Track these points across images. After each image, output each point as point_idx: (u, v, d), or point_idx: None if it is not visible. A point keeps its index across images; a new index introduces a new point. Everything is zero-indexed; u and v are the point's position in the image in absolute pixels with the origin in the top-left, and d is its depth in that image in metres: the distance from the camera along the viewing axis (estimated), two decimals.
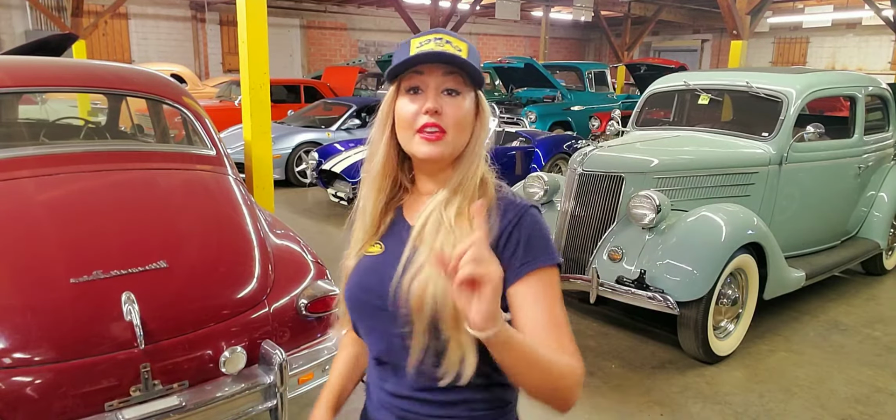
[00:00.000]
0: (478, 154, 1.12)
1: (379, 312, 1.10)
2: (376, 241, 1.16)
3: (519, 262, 1.04)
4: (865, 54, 19.19)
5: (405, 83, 1.09)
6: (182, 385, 2.20)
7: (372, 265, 1.14)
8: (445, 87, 1.08)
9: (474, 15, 16.95)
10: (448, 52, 1.05)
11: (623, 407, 3.21)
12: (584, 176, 3.85)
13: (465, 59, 1.06)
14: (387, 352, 1.13)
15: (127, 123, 4.14)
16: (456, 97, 1.08)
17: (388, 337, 1.10)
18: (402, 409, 1.12)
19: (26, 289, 2.16)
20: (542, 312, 1.03)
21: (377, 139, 1.14)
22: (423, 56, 1.05)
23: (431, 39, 1.08)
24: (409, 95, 1.09)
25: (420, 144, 1.07)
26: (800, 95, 4.16)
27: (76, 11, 11.08)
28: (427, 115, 1.06)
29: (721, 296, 3.59)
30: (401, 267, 1.06)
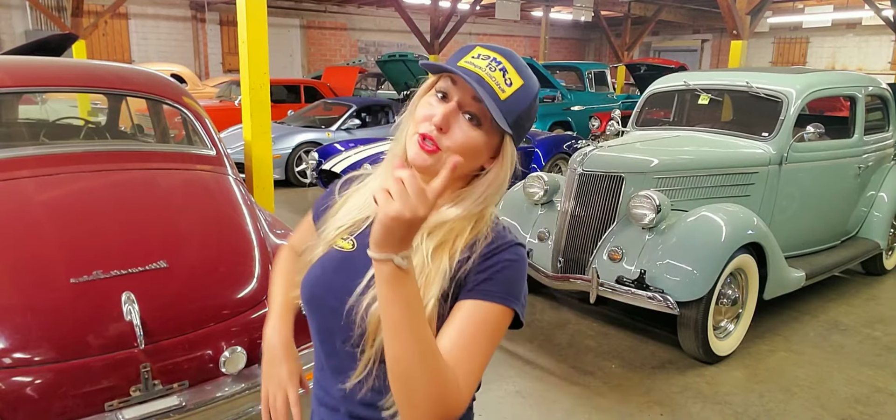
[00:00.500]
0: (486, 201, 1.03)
1: (332, 317, 1.03)
2: (349, 237, 1.09)
3: (482, 283, 0.97)
4: (865, 54, 19.19)
5: (438, 84, 1.03)
6: (182, 385, 2.20)
7: (339, 264, 1.06)
8: (469, 110, 0.99)
9: (474, 15, 16.95)
10: (486, 82, 0.97)
11: (623, 407, 3.21)
12: (584, 176, 3.85)
13: (497, 100, 0.97)
14: (334, 357, 1.07)
15: (127, 123, 4.14)
16: (473, 125, 0.99)
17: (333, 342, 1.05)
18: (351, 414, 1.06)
19: (26, 289, 2.16)
20: (463, 333, 0.94)
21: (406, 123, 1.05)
22: (457, 71, 0.98)
23: (490, 58, 1.01)
24: (436, 98, 1.02)
25: (412, 146, 1.00)
26: (800, 95, 4.16)
27: (76, 11, 11.08)
28: (429, 124, 0.99)
29: (721, 296, 3.59)
30: (364, 282, 0.99)
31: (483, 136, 1.00)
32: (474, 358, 0.93)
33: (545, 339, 3.94)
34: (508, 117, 0.99)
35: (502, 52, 1.02)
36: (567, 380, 3.46)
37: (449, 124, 0.98)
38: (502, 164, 1.04)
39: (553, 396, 3.27)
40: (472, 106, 0.99)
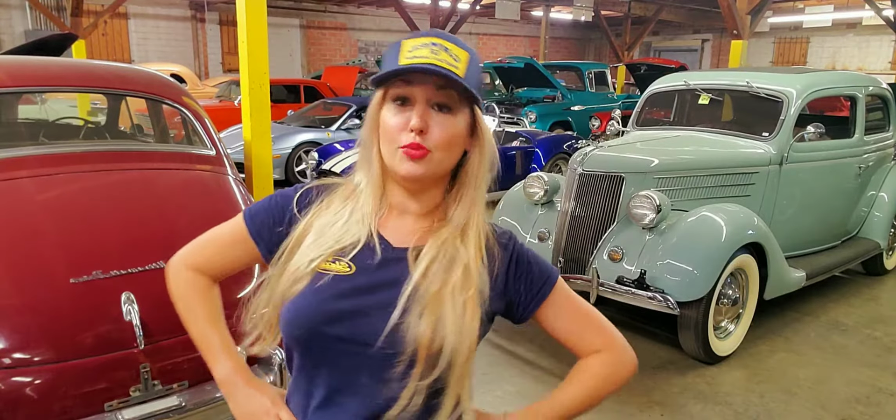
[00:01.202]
0: (483, 179, 1.03)
1: (358, 353, 0.96)
2: (338, 258, 1.00)
3: (536, 289, 1.07)
4: (865, 54, 19.19)
5: (392, 91, 0.98)
6: (182, 385, 2.20)
7: (344, 290, 0.98)
8: (436, 101, 0.97)
9: (474, 15, 16.95)
10: (441, 66, 0.94)
11: (623, 407, 3.21)
12: (585, 176, 3.84)
13: (460, 78, 0.95)
14: (355, 401, 0.98)
15: (127, 123, 4.14)
16: (446, 114, 0.98)
17: (366, 382, 0.97)
18: None
19: (26, 289, 2.15)
20: (571, 317, 1.10)
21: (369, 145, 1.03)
22: (412, 69, 0.94)
23: (427, 44, 0.96)
24: (395, 106, 0.98)
25: (402, 162, 0.97)
26: (800, 95, 4.15)
27: (76, 11, 11.07)
28: (412, 133, 0.95)
29: (721, 296, 3.59)
30: (400, 302, 0.94)
31: (457, 121, 0.99)
32: (588, 314, 1.12)
33: (545, 339, 3.93)
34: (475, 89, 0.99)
35: (433, 34, 0.98)
36: None
37: (427, 124, 0.96)
38: (484, 137, 1.03)
39: None
40: (439, 96, 0.97)
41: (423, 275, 0.96)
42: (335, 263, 1.00)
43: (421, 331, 0.92)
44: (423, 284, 0.96)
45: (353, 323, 0.96)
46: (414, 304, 0.94)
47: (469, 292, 0.96)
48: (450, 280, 0.96)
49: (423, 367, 0.93)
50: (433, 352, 0.93)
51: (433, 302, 0.94)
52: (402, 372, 0.94)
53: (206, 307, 1.14)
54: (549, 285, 1.07)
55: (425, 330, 0.92)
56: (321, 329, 0.97)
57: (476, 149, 1.03)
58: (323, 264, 0.99)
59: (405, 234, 1.03)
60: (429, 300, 0.94)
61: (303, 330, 0.98)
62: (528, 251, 1.09)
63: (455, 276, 0.96)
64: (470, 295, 0.96)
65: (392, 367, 0.94)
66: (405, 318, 0.94)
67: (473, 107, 1.01)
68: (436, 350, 0.93)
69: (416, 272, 0.96)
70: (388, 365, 0.95)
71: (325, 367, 1.00)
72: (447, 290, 0.95)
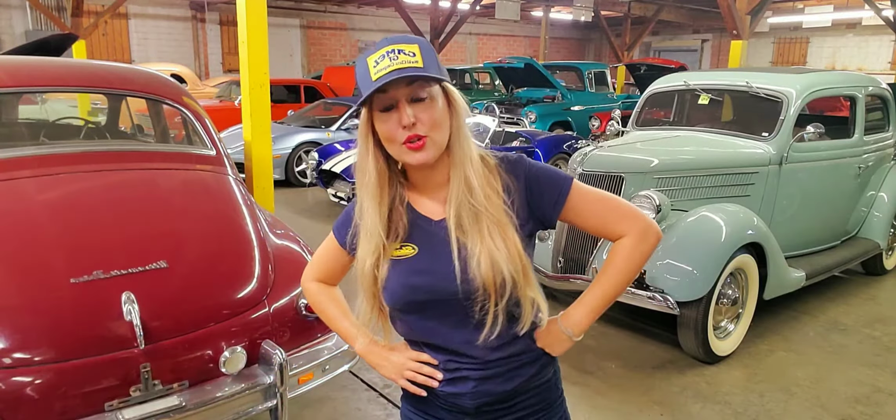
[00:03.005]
0: (465, 138, 1.22)
1: (442, 304, 1.24)
2: (404, 244, 1.26)
3: (554, 197, 1.28)
4: (865, 54, 19.19)
5: (376, 105, 1.18)
6: (182, 385, 2.21)
7: (416, 267, 1.24)
8: (412, 96, 1.16)
9: (474, 15, 16.94)
10: (405, 67, 1.13)
11: (623, 407, 3.21)
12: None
13: (421, 69, 1.13)
14: (454, 336, 1.26)
15: (127, 123, 4.14)
16: (425, 101, 1.16)
17: (456, 321, 1.25)
18: (481, 378, 1.28)
19: (26, 289, 2.16)
20: (595, 208, 1.32)
21: (364, 157, 1.24)
22: (384, 81, 1.12)
23: (385, 54, 1.14)
24: (384, 115, 1.18)
25: (409, 155, 1.18)
26: (800, 95, 4.16)
27: (76, 11, 11.08)
28: (405, 130, 1.15)
29: (721, 296, 3.59)
30: (456, 258, 1.20)
31: (435, 103, 1.17)
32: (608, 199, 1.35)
33: None
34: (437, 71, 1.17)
35: (385, 43, 1.16)
36: (567, 380, 3.44)
37: (413, 117, 1.15)
38: (456, 107, 1.22)
39: None
40: (413, 91, 1.16)
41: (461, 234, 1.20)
42: (402, 248, 1.25)
43: (483, 272, 1.18)
44: (465, 241, 1.20)
45: (433, 286, 1.23)
46: (468, 257, 1.19)
47: (501, 226, 1.20)
48: (481, 230, 1.19)
49: (494, 296, 1.20)
50: (498, 283, 1.19)
51: (481, 250, 1.18)
52: (481, 306, 1.21)
53: (334, 305, 1.45)
54: (564, 191, 1.28)
55: (486, 271, 1.18)
56: (413, 298, 1.25)
57: (454, 117, 1.21)
58: (394, 252, 1.25)
59: (436, 210, 1.26)
60: (478, 250, 1.18)
61: (401, 303, 1.26)
62: (538, 167, 1.29)
63: (484, 226, 1.19)
64: (502, 230, 1.20)
65: (473, 305, 1.21)
66: (468, 269, 1.19)
67: (441, 84, 1.19)
68: (499, 281, 1.18)
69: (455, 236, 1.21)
70: (470, 305, 1.22)
71: (426, 322, 1.28)
72: (485, 237, 1.19)
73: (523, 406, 1.34)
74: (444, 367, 1.30)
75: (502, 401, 1.32)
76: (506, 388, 1.31)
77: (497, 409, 1.33)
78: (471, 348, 1.26)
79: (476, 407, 1.31)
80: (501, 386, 1.30)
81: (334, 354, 2.55)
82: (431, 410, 1.36)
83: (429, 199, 1.27)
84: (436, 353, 1.31)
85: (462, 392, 1.30)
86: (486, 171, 1.24)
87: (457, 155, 1.21)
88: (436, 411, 1.36)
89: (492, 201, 1.21)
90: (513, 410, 1.33)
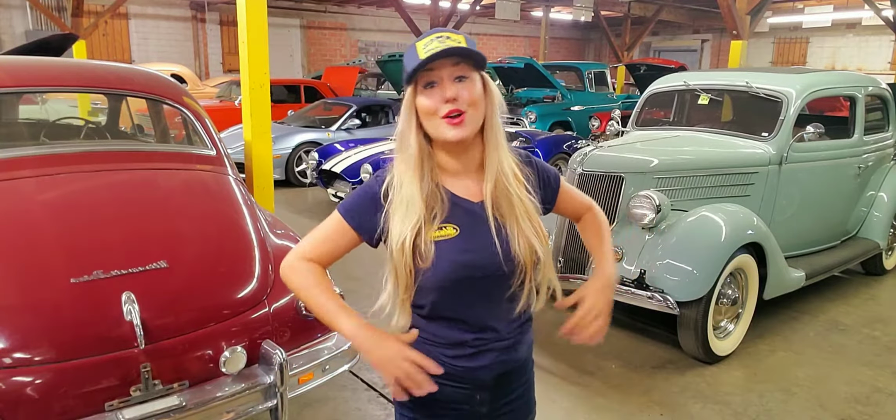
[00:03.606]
0: (499, 126, 1.34)
1: (489, 281, 1.33)
2: (443, 225, 1.32)
3: (554, 188, 1.48)
4: (865, 54, 19.18)
5: (421, 81, 1.28)
6: (182, 385, 2.21)
7: (462, 246, 1.32)
8: (456, 75, 1.27)
9: (474, 15, 16.95)
10: (452, 46, 1.24)
11: (623, 407, 3.21)
12: (584, 176, 3.85)
13: (469, 48, 1.25)
14: (490, 310, 1.36)
15: (127, 123, 4.14)
16: (466, 81, 1.27)
17: (494, 297, 1.36)
18: (503, 349, 1.39)
19: (27, 289, 2.16)
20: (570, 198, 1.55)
21: (406, 133, 1.32)
22: (434, 55, 1.23)
23: (434, 39, 1.25)
24: (427, 91, 1.28)
25: (447, 129, 1.27)
26: (800, 95, 4.16)
27: (76, 11, 11.08)
28: (447, 104, 1.25)
29: (721, 296, 3.59)
30: (496, 238, 1.31)
31: (475, 84, 1.29)
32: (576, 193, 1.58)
33: (545, 339, 3.94)
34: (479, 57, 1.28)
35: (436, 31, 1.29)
36: (567, 380, 3.47)
37: (456, 92, 1.26)
38: (491, 93, 1.33)
39: (553, 396, 3.27)
40: (457, 70, 1.27)
41: (499, 216, 1.33)
42: (443, 229, 1.32)
43: (522, 251, 1.32)
44: (503, 222, 1.33)
45: (482, 264, 1.32)
46: (509, 238, 1.32)
47: (529, 211, 1.35)
48: (516, 213, 1.33)
49: (530, 272, 1.35)
50: (534, 262, 1.34)
51: (519, 232, 1.32)
52: (520, 281, 1.35)
53: (322, 285, 1.39)
54: (559, 183, 1.50)
55: (524, 250, 1.32)
56: (464, 275, 1.32)
57: (489, 103, 1.32)
58: (435, 234, 1.31)
59: (473, 192, 1.36)
60: (516, 231, 1.32)
61: (450, 281, 1.31)
62: (539, 161, 1.48)
63: (518, 210, 1.33)
64: (530, 216, 1.35)
65: (514, 281, 1.35)
66: (510, 250, 1.32)
67: (480, 73, 1.31)
68: (534, 260, 1.34)
69: (493, 217, 1.32)
70: (511, 279, 1.35)
71: (471, 295, 1.34)
72: (522, 220, 1.33)
73: (521, 381, 1.49)
74: (469, 344, 1.37)
75: (513, 372, 1.44)
76: (518, 356, 1.44)
77: (508, 380, 1.44)
78: (500, 322, 1.37)
79: (494, 377, 1.40)
80: (515, 354, 1.42)
81: (334, 354, 2.56)
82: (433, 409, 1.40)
83: (464, 183, 1.36)
84: (463, 330, 1.36)
85: (483, 365, 1.38)
86: (516, 161, 1.37)
87: (491, 140, 1.33)
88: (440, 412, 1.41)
89: (520, 188, 1.35)
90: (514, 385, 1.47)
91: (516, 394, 1.48)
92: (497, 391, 1.43)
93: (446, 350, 1.37)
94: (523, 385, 1.50)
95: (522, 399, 1.50)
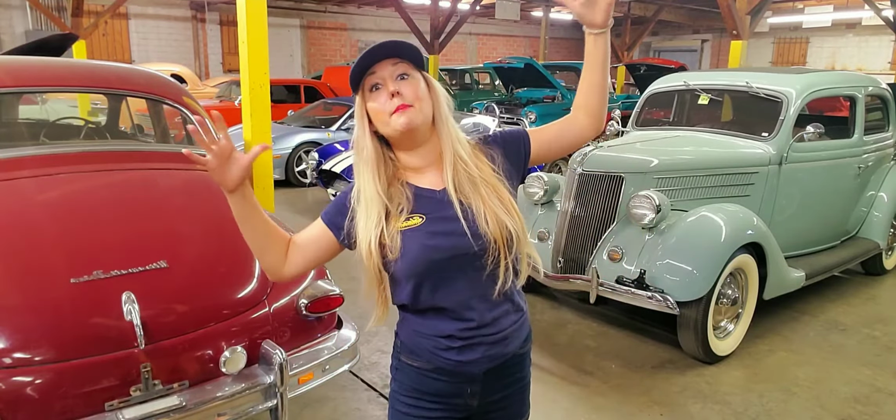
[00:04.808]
0: (449, 119, 1.39)
1: (461, 260, 1.33)
2: (411, 216, 1.35)
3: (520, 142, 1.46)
4: (865, 54, 19.18)
5: (367, 85, 1.35)
6: (182, 385, 2.21)
7: (429, 230, 1.34)
8: (397, 74, 1.33)
9: (474, 15, 16.94)
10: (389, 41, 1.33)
11: (623, 407, 3.21)
12: (584, 176, 3.85)
13: (404, 43, 1.33)
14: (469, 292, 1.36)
15: (127, 123, 4.14)
16: (408, 79, 1.34)
17: (471, 278, 1.35)
18: (490, 332, 1.39)
19: (26, 289, 2.16)
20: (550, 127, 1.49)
21: (361, 136, 1.37)
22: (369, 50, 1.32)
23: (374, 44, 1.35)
24: (373, 94, 1.34)
25: (396, 119, 1.31)
26: (800, 95, 4.16)
27: (76, 11, 11.07)
28: (394, 99, 1.31)
29: (721, 296, 3.59)
30: (463, 220, 1.33)
31: (418, 82, 1.35)
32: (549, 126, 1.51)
33: (545, 339, 3.94)
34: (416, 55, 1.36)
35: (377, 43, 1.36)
36: (567, 380, 3.47)
37: (399, 88, 1.32)
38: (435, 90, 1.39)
39: (553, 396, 3.27)
40: (398, 69, 1.34)
41: (463, 198, 1.34)
42: (410, 220, 1.34)
43: (491, 228, 1.32)
44: (468, 203, 1.34)
45: (451, 245, 1.33)
46: (475, 216, 1.33)
47: (497, 189, 1.36)
48: (481, 192, 1.34)
49: (504, 249, 1.34)
50: (506, 237, 1.33)
51: (485, 209, 1.33)
52: (493, 259, 1.34)
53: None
54: (526, 133, 1.48)
55: (494, 227, 1.32)
56: (433, 257, 1.33)
57: (434, 98, 1.38)
58: (402, 224, 1.34)
59: (436, 182, 1.39)
60: (483, 209, 1.33)
61: (422, 265, 1.33)
62: (502, 132, 1.49)
63: (482, 189, 1.35)
64: (497, 191, 1.36)
65: (486, 259, 1.34)
66: (477, 228, 1.32)
67: (422, 72, 1.37)
68: (506, 235, 1.33)
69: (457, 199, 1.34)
70: (484, 258, 1.34)
71: (447, 279, 1.35)
72: (486, 197, 1.34)
73: (514, 379, 1.49)
74: (458, 336, 1.38)
75: (504, 368, 1.45)
76: (508, 350, 1.44)
77: (498, 375, 1.45)
78: (482, 304, 1.37)
79: (484, 372, 1.42)
80: (506, 347, 1.43)
81: (334, 354, 2.56)
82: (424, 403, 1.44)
83: (427, 177, 1.39)
84: (448, 320, 1.38)
85: (472, 359, 1.39)
86: (473, 149, 1.41)
87: (443, 131, 1.37)
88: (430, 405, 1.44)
89: (483, 169, 1.37)
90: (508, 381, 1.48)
91: (509, 391, 1.49)
92: (487, 386, 1.44)
93: (438, 342, 1.39)
94: (516, 384, 1.51)
95: (515, 398, 1.51)
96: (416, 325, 1.42)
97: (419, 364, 1.43)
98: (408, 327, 1.45)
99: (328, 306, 2.58)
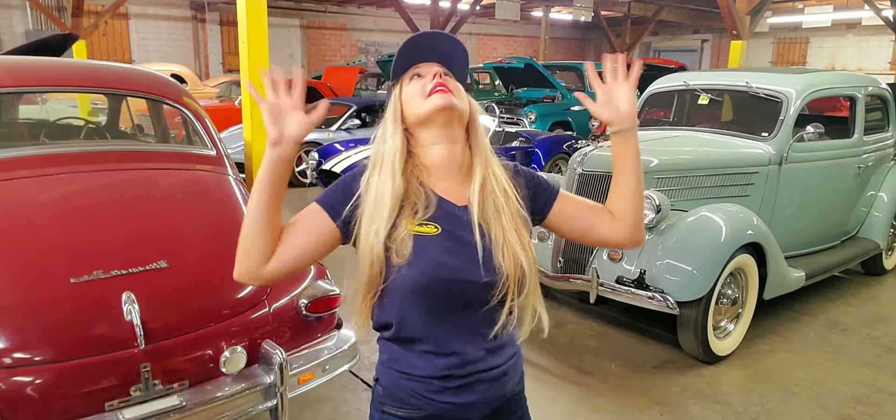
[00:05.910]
0: (483, 133, 1.32)
1: (465, 288, 1.21)
2: (426, 222, 1.23)
3: (547, 195, 1.36)
4: (865, 54, 19.18)
5: (408, 74, 1.30)
6: (182, 385, 2.21)
7: (443, 245, 1.21)
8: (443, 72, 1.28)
9: (474, 15, 16.94)
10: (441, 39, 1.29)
11: (623, 407, 3.21)
12: (584, 176, 3.85)
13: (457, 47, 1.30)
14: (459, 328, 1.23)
15: (127, 123, 4.14)
16: (450, 76, 1.29)
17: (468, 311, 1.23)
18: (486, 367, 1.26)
19: (26, 289, 2.16)
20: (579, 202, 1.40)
21: (391, 126, 1.27)
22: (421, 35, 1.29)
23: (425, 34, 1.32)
24: (414, 81, 1.28)
25: (435, 98, 1.23)
26: (800, 95, 4.16)
27: (76, 11, 11.07)
28: (434, 79, 1.25)
29: (721, 296, 3.59)
30: (479, 244, 1.22)
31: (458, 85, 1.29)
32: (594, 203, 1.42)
33: (545, 339, 3.92)
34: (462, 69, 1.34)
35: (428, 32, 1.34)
36: (567, 380, 3.47)
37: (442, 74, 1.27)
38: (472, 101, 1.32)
39: (553, 396, 3.27)
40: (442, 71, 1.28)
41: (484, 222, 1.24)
42: (424, 226, 1.22)
43: (506, 262, 1.21)
44: (488, 229, 1.24)
45: (460, 269, 1.21)
46: (492, 245, 1.22)
47: (518, 227, 1.26)
48: (502, 221, 1.24)
49: (512, 290, 1.23)
50: (519, 277, 1.23)
51: (504, 241, 1.23)
52: (500, 297, 1.23)
53: None
54: (555, 193, 1.38)
55: (509, 263, 1.22)
56: (438, 275, 1.20)
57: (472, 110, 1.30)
58: (415, 227, 1.22)
59: (457, 195, 1.27)
60: (502, 240, 1.23)
61: (426, 282, 1.20)
62: (533, 174, 1.40)
63: (505, 219, 1.25)
64: (519, 229, 1.26)
65: (491, 296, 1.22)
66: (492, 258, 1.22)
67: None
68: (519, 275, 1.23)
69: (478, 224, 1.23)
70: (490, 292, 1.22)
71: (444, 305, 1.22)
72: (507, 230, 1.24)
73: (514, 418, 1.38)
74: (455, 375, 1.24)
75: (503, 409, 1.33)
76: (506, 390, 1.32)
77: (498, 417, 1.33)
78: (469, 344, 1.24)
79: (483, 416, 1.29)
80: (504, 388, 1.31)
81: (334, 354, 2.56)
82: None
83: (448, 185, 1.28)
84: (431, 355, 1.24)
85: (471, 401, 1.26)
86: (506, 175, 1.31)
87: (477, 145, 1.29)
88: None
89: (510, 199, 1.28)
90: None
91: None
92: None
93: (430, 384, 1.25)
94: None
95: None
96: (400, 364, 1.27)
97: (406, 414, 1.27)
98: (389, 371, 1.29)
99: (328, 306, 2.58)
